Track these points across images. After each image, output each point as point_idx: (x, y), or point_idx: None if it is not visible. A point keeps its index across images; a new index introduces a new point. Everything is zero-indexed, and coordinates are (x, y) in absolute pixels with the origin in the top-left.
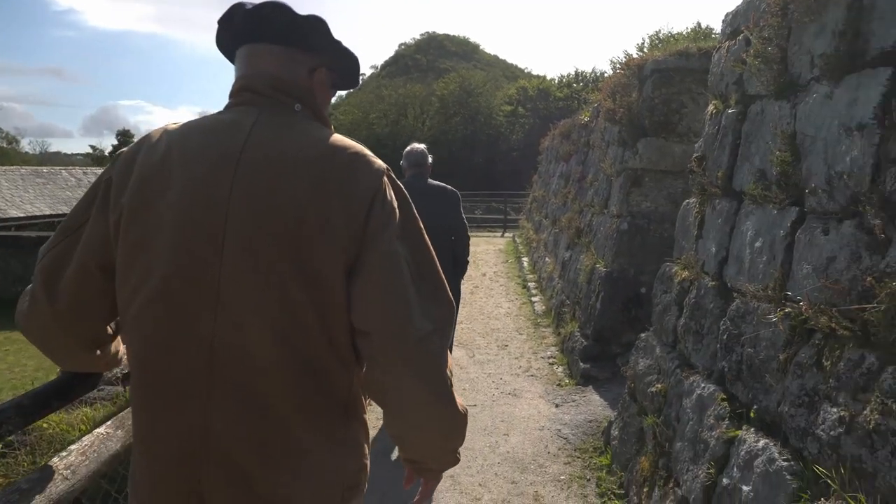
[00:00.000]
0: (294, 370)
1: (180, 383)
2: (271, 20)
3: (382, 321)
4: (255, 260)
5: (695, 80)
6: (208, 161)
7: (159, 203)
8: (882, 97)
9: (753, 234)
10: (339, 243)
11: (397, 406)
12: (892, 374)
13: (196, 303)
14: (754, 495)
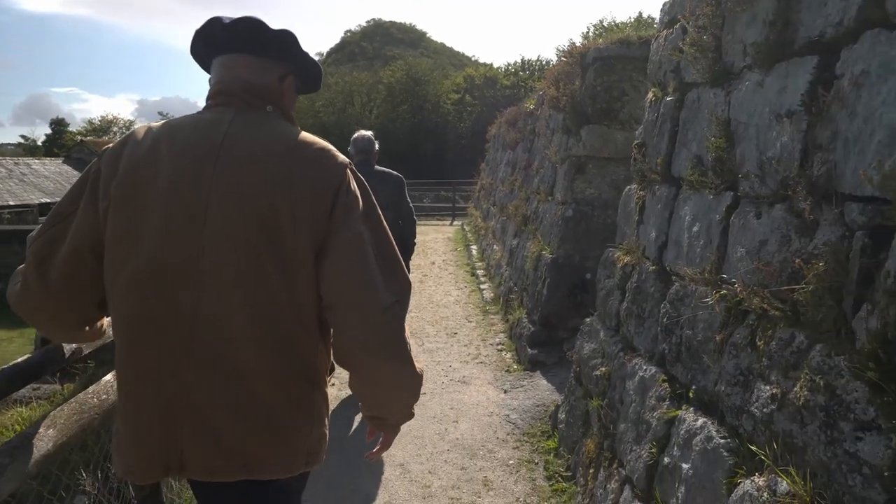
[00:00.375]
0: (267, 341)
1: (163, 350)
2: (247, 34)
3: (350, 294)
4: (232, 240)
5: (636, 69)
6: (193, 154)
7: (148, 190)
8: (809, 85)
9: (691, 219)
10: (309, 227)
11: (363, 369)
12: (820, 351)
13: (179, 277)
14: (693, 473)
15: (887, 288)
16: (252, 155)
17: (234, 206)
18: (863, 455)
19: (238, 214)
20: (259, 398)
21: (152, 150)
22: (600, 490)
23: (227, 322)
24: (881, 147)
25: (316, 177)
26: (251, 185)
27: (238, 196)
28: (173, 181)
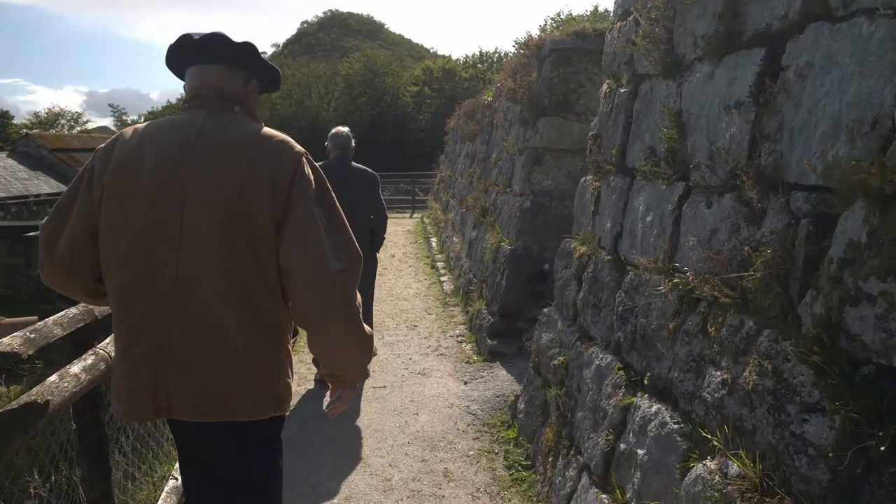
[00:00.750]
0: (238, 301)
1: (152, 310)
2: (214, 48)
3: (302, 261)
4: (208, 219)
5: (591, 61)
6: (172, 147)
7: (135, 179)
8: (756, 76)
9: (645, 209)
10: (270, 207)
11: (314, 326)
12: (768, 337)
13: (163, 249)
14: (648, 458)
15: (831, 274)
16: (222, 148)
17: (208, 190)
18: (808, 436)
19: (211, 197)
20: (233, 351)
21: (138, 146)
22: (559, 478)
23: (204, 288)
24: (825, 137)
25: (275, 165)
26: (222, 172)
27: (211, 182)
28: (156, 171)
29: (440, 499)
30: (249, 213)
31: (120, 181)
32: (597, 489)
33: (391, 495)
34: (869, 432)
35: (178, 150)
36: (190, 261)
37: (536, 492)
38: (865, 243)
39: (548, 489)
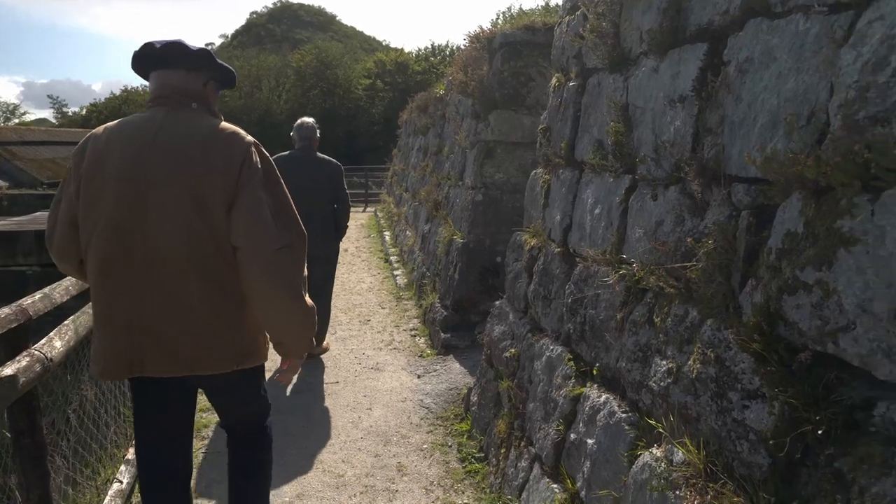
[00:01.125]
0: (198, 273)
1: (125, 283)
2: (174, 54)
3: (248, 238)
4: (168, 201)
5: (541, 54)
6: (136, 142)
7: (105, 170)
8: (699, 71)
9: (593, 202)
10: (223, 191)
11: (259, 298)
12: (711, 326)
13: (132, 230)
14: (597, 447)
15: (769, 264)
16: (180, 141)
17: (168, 178)
18: (749, 422)
19: (172, 184)
20: (195, 315)
21: (107, 141)
22: (511, 469)
23: (168, 264)
24: (763, 130)
25: (227, 154)
26: (180, 163)
27: (171, 171)
28: (122, 162)
29: (394, 493)
30: (205, 197)
31: (93, 173)
32: (548, 479)
33: (344, 491)
34: (806, 417)
35: (142, 145)
36: (155, 241)
37: (489, 483)
38: (802, 234)
39: (501, 480)
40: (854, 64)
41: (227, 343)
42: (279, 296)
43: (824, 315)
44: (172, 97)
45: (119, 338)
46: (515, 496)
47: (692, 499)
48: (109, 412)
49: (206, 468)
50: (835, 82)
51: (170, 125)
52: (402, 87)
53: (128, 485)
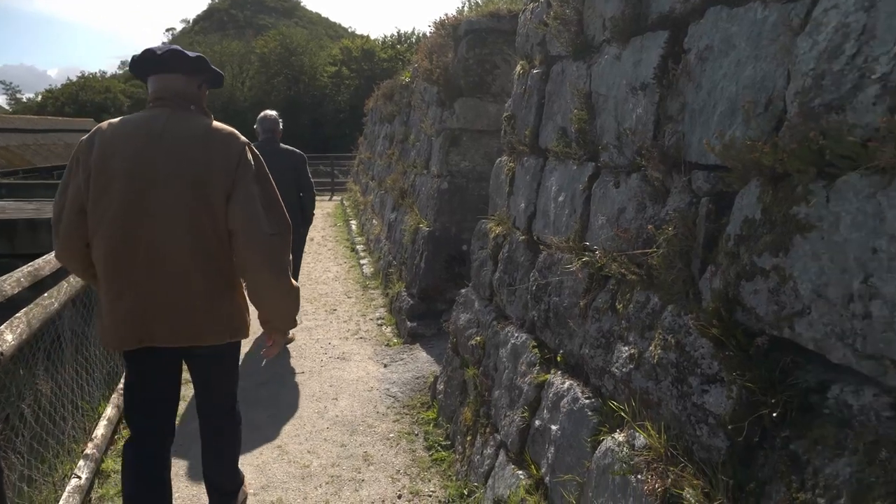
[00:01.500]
0: (199, 257)
1: (134, 268)
2: (174, 61)
3: (243, 225)
4: (173, 192)
5: (506, 42)
6: (143, 139)
7: (114, 163)
8: (660, 58)
9: (557, 190)
10: (221, 184)
11: (251, 277)
12: (672, 311)
13: (139, 219)
14: (561, 433)
15: (728, 250)
16: (183, 139)
17: (174, 173)
18: (708, 406)
19: (176, 178)
20: (197, 295)
21: (115, 136)
22: (477, 456)
23: (173, 248)
24: (722, 118)
25: (225, 152)
26: (184, 159)
27: (175, 166)
28: (131, 158)
29: (360, 483)
30: (206, 189)
31: (102, 166)
32: (513, 465)
33: (310, 482)
34: (763, 401)
35: (149, 141)
36: (161, 228)
37: (456, 471)
38: (759, 220)
39: (467, 468)
40: (810, 52)
41: (223, 318)
42: (269, 275)
43: (781, 300)
44: (173, 100)
45: (130, 312)
46: (481, 483)
47: (653, 482)
48: (67, 407)
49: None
50: (791, 70)
51: (173, 125)
52: (369, 75)
53: (87, 480)
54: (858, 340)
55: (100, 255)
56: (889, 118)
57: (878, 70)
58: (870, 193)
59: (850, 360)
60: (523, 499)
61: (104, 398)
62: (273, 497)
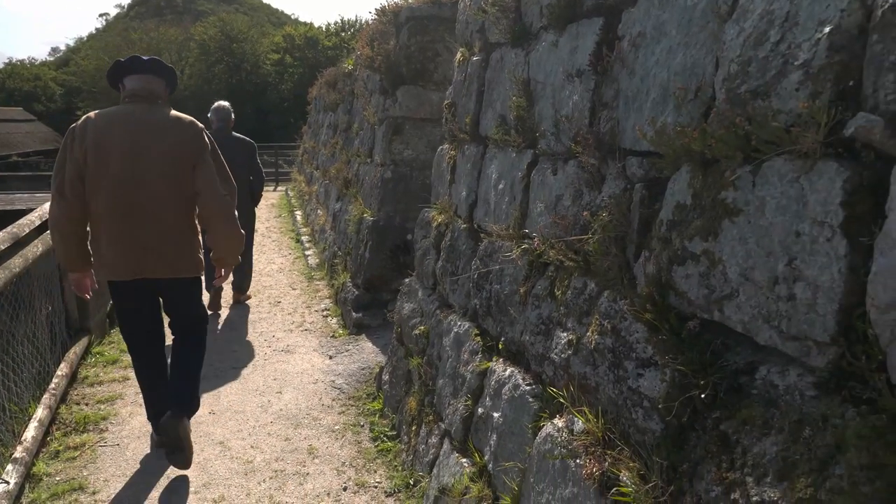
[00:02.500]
0: (174, 211)
1: (127, 220)
2: (153, 65)
3: (204, 187)
4: (154, 164)
5: (447, 29)
6: (129, 126)
7: (108, 145)
8: (595, 45)
9: (497, 177)
10: (187, 157)
11: (211, 226)
12: (608, 297)
13: (131, 183)
14: (503, 420)
15: (661, 235)
16: (159, 125)
17: (154, 150)
18: (643, 390)
19: (156, 153)
20: (175, 240)
21: (106, 123)
22: (422, 445)
23: (155, 205)
24: (655, 104)
25: (189, 134)
26: (160, 140)
27: (155, 145)
28: (121, 138)
29: (304, 477)
30: (177, 162)
31: (98, 146)
32: (457, 454)
33: (253, 477)
34: (694, 383)
35: (134, 126)
36: (147, 190)
37: (402, 461)
38: (690, 205)
39: (412, 458)
40: (737, 38)
41: (192, 257)
42: (224, 224)
43: (711, 284)
44: (148, 96)
45: (127, 253)
46: (427, 472)
47: (591, 466)
48: None
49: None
50: (720, 57)
51: (150, 115)
52: (313, 63)
53: (16, 485)
54: (783, 322)
55: (100, 211)
56: (810, 104)
57: (800, 56)
58: (793, 178)
59: (776, 341)
60: (467, 487)
61: (34, 399)
62: (215, 494)
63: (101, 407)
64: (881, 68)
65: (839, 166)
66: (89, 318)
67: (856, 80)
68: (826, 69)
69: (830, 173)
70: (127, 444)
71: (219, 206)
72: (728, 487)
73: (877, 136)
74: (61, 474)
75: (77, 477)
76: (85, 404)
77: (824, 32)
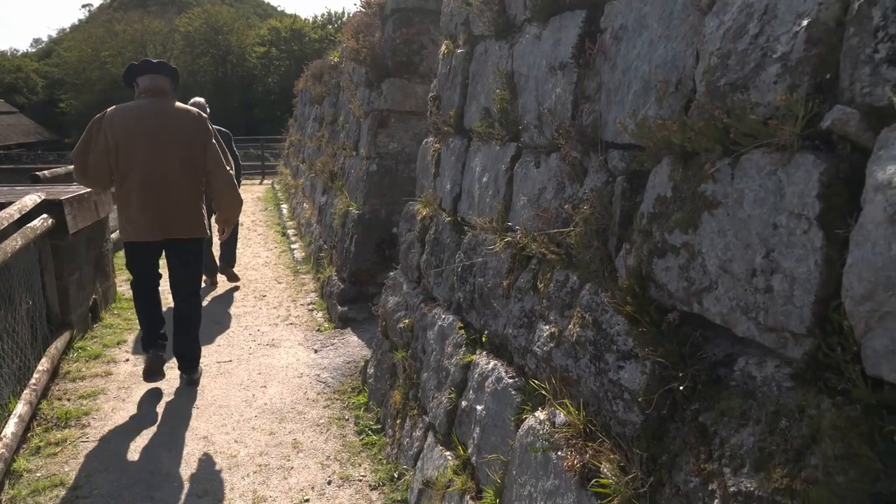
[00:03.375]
0: (190, 184)
1: (155, 190)
2: (164, 67)
3: (215, 165)
4: (175, 147)
5: (433, 22)
6: (149, 117)
7: (136, 133)
8: (578, 38)
9: (481, 170)
10: (196, 139)
11: (220, 195)
12: (589, 290)
13: (158, 162)
14: (486, 413)
15: (642, 228)
16: (172, 115)
17: (172, 135)
18: (624, 382)
19: (173, 138)
20: (191, 208)
21: (130, 115)
22: (407, 439)
23: (176, 179)
24: (636, 97)
25: (195, 121)
26: (176, 126)
27: (172, 131)
28: (146, 126)
29: (288, 471)
30: (191, 144)
31: (128, 135)
32: (441, 447)
33: (237, 472)
34: (674, 375)
35: (153, 116)
36: (168, 168)
37: (386, 454)
38: (671, 198)
39: (397, 451)
40: (717, 31)
41: (202, 221)
42: (230, 193)
43: (690, 276)
44: (159, 92)
45: (154, 218)
46: (411, 465)
47: (572, 458)
48: None
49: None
50: (700, 49)
51: (163, 107)
52: (299, 56)
53: None
54: (761, 314)
55: (134, 185)
56: (788, 96)
57: (778, 49)
58: (771, 170)
59: (754, 333)
60: (451, 480)
61: (14, 395)
62: (198, 489)
63: (84, 402)
64: (857, 61)
65: (816, 159)
66: (71, 313)
67: (833, 73)
68: (804, 62)
69: (807, 166)
70: (109, 439)
71: (227, 180)
72: (706, 478)
73: (853, 128)
74: (42, 470)
75: (58, 473)
76: (67, 400)
77: (802, 25)
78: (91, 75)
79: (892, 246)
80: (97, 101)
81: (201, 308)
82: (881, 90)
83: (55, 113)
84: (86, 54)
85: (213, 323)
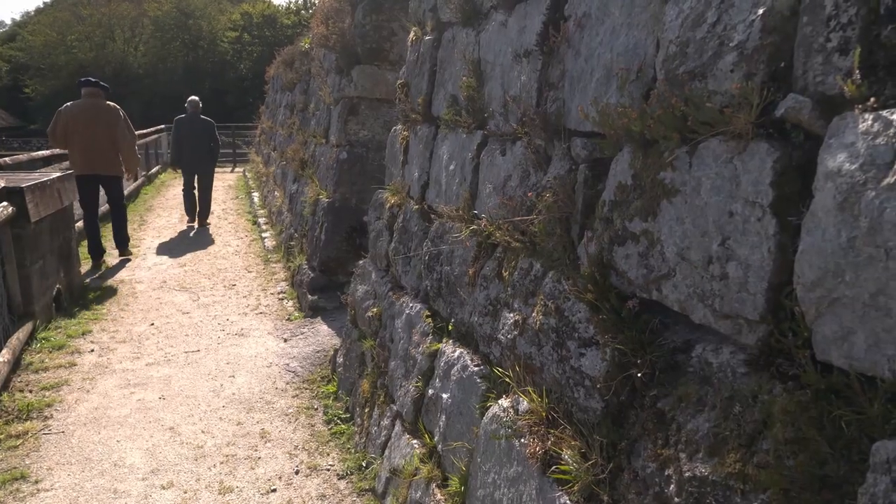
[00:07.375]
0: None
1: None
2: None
3: (122, 138)
4: (101, 127)
5: (403, 8)
6: (88, 109)
7: (79, 120)
8: (542, 25)
9: (448, 158)
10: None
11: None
12: (552, 278)
13: (91, 134)
14: (452, 401)
15: (603, 216)
16: (103, 109)
17: (101, 120)
18: (585, 369)
19: (100, 120)
20: (111, 157)
21: (75, 108)
22: (375, 427)
23: (102, 143)
24: (599, 85)
25: (113, 112)
26: (104, 116)
27: (101, 118)
28: (84, 117)
29: (256, 461)
30: (109, 123)
31: (74, 120)
32: (408, 435)
33: (203, 463)
34: (633, 362)
35: (90, 110)
36: (99, 137)
37: (354, 443)
38: (631, 185)
39: (365, 440)
40: (676, 19)
41: (118, 166)
42: (130, 153)
43: (650, 264)
44: (94, 95)
45: (86, 160)
46: (379, 454)
47: (535, 445)
48: None
49: None
50: (660, 38)
51: (97, 104)
52: (271, 41)
53: None
54: (717, 301)
55: (75, 145)
56: (743, 84)
57: (735, 38)
58: (727, 159)
59: (710, 319)
60: (417, 468)
61: None
62: (163, 481)
63: (46, 394)
64: (810, 50)
65: (770, 147)
66: (34, 303)
67: (787, 61)
68: (759, 50)
69: (762, 154)
70: (73, 431)
71: (129, 147)
72: (662, 464)
73: (805, 116)
74: (2, 464)
75: (19, 466)
76: (29, 391)
77: (758, 14)
78: (57, 60)
79: (841, 233)
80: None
81: (125, 210)
82: (832, 79)
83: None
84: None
85: (180, 313)
